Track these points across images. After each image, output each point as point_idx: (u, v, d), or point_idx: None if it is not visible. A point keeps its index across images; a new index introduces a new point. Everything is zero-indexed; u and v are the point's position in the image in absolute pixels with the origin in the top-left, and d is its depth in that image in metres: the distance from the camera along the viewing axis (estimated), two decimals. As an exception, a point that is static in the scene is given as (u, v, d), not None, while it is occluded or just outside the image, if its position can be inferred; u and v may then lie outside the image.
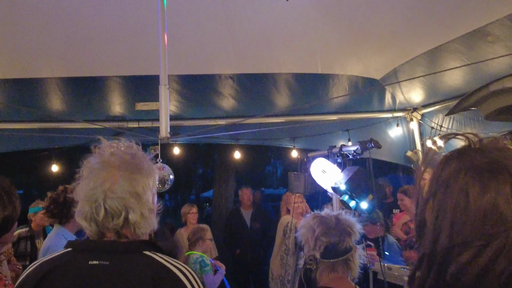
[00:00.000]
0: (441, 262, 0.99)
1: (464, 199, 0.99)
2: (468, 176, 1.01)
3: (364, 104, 6.70)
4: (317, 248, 2.49)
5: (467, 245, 0.95)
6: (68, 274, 1.66)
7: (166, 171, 5.06)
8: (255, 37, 5.17)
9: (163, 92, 3.73)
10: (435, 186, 1.07)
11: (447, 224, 1.00)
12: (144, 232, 1.76)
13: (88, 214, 1.70)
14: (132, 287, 1.61)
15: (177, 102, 6.28)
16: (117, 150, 1.79)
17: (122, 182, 1.69)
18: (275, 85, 6.00)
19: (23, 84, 5.52)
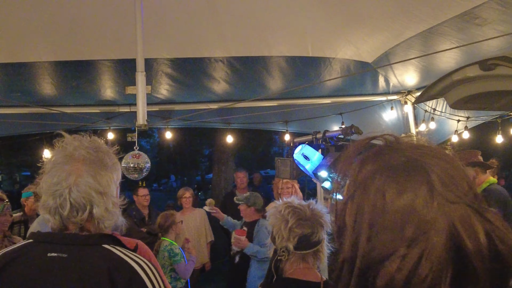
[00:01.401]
0: (362, 267, 0.95)
1: (381, 201, 0.96)
2: (384, 177, 0.98)
3: (358, 87, 6.64)
4: (290, 239, 2.47)
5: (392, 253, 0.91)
6: (27, 265, 1.68)
7: (142, 159, 5.04)
8: (242, 18, 5.10)
9: (140, 79, 3.68)
10: (353, 188, 1.04)
11: (365, 227, 0.97)
12: (108, 226, 1.79)
13: (52, 207, 1.72)
14: (88, 280, 1.61)
15: (168, 86, 6.25)
16: (80, 144, 1.80)
17: (86, 177, 1.71)
18: (266, 68, 5.94)
19: (11, 68, 5.48)
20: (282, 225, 2.50)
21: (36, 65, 5.52)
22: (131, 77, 5.69)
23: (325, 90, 6.58)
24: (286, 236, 2.47)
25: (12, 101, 6.12)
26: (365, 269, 0.95)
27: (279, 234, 2.51)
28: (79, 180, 1.71)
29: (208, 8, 4.97)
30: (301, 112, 7.03)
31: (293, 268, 2.51)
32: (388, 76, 6.31)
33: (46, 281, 1.63)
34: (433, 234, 0.89)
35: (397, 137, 1.08)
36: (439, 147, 1.04)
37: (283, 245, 2.48)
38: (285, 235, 2.48)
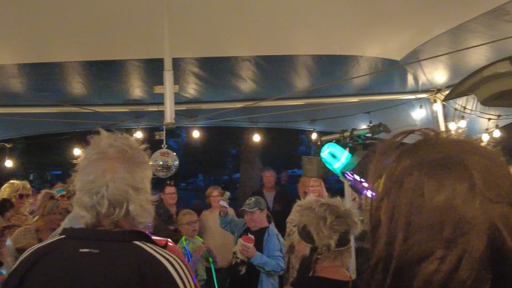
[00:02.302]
0: (398, 268, 0.92)
1: (419, 199, 0.92)
2: (422, 173, 0.93)
3: (386, 86, 6.57)
4: (332, 236, 2.45)
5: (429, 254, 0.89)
6: (59, 261, 1.71)
7: (170, 157, 5.07)
8: (269, 17, 5.10)
9: (168, 77, 3.71)
10: (389, 184, 1.00)
11: (402, 225, 0.93)
12: (142, 222, 1.80)
13: (88, 204, 1.73)
14: (118, 276, 1.63)
15: (195, 85, 6.28)
16: (114, 142, 1.82)
17: (122, 174, 1.73)
18: (293, 67, 5.93)
19: (42, 68, 5.58)
20: (320, 222, 2.47)
21: (66, 65, 5.61)
22: (159, 76, 5.74)
23: (352, 88, 6.54)
24: (327, 234, 2.45)
25: (43, 100, 6.23)
26: (401, 270, 0.91)
27: (318, 232, 2.48)
28: (115, 177, 1.72)
29: (235, 8, 4.98)
30: (328, 111, 6.99)
31: (322, 266, 2.50)
32: (417, 74, 6.23)
33: (77, 276, 1.65)
34: (473, 235, 0.86)
35: (436, 131, 1.04)
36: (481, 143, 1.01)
37: (324, 242, 2.46)
38: (325, 232, 2.45)
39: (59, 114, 6.88)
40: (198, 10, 4.97)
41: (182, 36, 5.11)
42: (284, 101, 6.57)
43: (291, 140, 24.39)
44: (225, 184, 28.36)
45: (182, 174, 33.58)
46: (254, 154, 13.22)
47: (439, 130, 1.04)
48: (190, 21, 5.05)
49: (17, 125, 7.62)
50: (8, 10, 4.61)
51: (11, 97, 6.25)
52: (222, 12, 5.05)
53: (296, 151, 28.04)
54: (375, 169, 1.07)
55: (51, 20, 4.95)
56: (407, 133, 1.08)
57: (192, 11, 4.89)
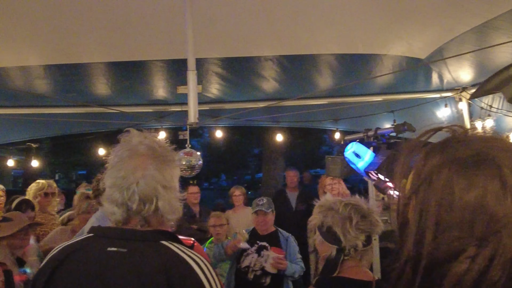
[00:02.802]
0: (428, 267, 0.91)
1: (449, 197, 0.91)
2: (452, 171, 0.93)
3: (410, 84, 6.50)
4: (359, 237, 2.44)
5: (460, 253, 0.87)
6: (86, 259, 1.73)
7: (194, 157, 5.10)
8: (291, 17, 5.08)
9: (191, 77, 3.73)
10: (417, 183, 0.99)
11: (431, 224, 0.92)
12: (171, 220, 1.83)
13: (119, 200, 1.76)
14: (144, 275, 1.64)
15: (218, 85, 6.31)
16: (144, 139, 1.86)
17: (152, 171, 1.76)
18: (316, 66, 5.91)
19: (67, 69, 5.66)
20: (346, 223, 2.45)
21: (91, 65, 5.68)
22: (182, 76, 5.78)
23: (376, 87, 6.48)
24: (353, 234, 2.43)
25: (68, 101, 6.31)
26: (431, 269, 0.91)
27: (344, 233, 2.46)
28: (146, 173, 1.75)
29: (258, 7, 4.98)
30: (351, 110, 6.95)
31: (347, 266, 2.49)
32: (441, 72, 6.15)
33: (104, 274, 1.67)
34: (505, 234, 0.84)
35: (465, 128, 1.03)
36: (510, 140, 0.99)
37: (352, 243, 2.44)
38: (352, 233, 2.43)
39: (84, 114, 6.97)
40: (221, 10, 4.98)
41: (205, 36, 5.13)
42: (307, 100, 6.55)
43: (314, 140, 24.33)
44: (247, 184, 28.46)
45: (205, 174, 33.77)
46: (276, 154, 13.21)
47: (467, 127, 1.02)
48: (213, 21, 5.06)
49: (43, 126, 7.75)
50: (34, 12, 4.69)
51: (37, 98, 6.36)
52: (245, 12, 5.06)
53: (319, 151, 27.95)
54: (402, 168, 1.06)
55: (77, 22, 5.01)
56: (435, 130, 1.06)
57: (215, 11, 4.91)
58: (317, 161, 26.05)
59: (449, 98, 6.65)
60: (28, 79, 5.74)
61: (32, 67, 5.51)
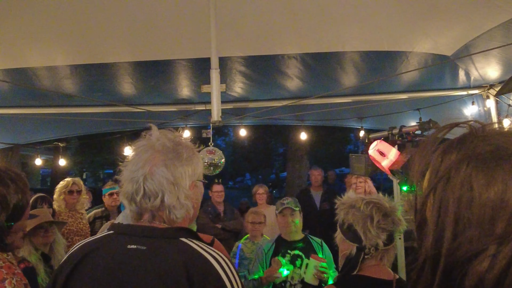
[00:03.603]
0: (448, 266, 0.90)
1: (468, 194, 0.89)
2: (471, 167, 0.91)
3: (436, 82, 6.42)
4: (380, 236, 2.42)
5: (481, 252, 0.86)
6: (107, 256, 1.74)
7: (217, 155, 5.13)
8: (315, 14, 5.06)
9: (214, 75, 3.75)
10: (435, 180, 0.97)
11: (450, 222, 0.90)
12: (180, 217, 1.82)
13: (129, 193, 1.80)
14: (165, 273, 1.64)
15: (242, 84, 6.32)
16: (163, 136, 1.88)
17: (161, 167, 1.78)
18: (340, 64, 5.87)
19: (93, 69, 5.73)
20: (367, 221, 2.43)
21: (116, 65, 5.74)
22: (206, 75, 5.83)
23: (401, 85, 6.42)
24: (374, 233, 2.41)
25: (94, 100, 6.40)
26: (451, 268, 0.89)
27: (365, 231, 2.44)
28: (154, 169, 1.77)
29: (281, 5, 4.97)
30: (376, 108, 6.89)
31: (368, 265, 2.47)
32: (468, 69, 6.06)
33: (125, 272, 1.68)
34: None
35: (483, 124, 1.01)
36: None
37: (373, 242, 2.42)
38: (373, 231, 2.42)
39: (110, 114, 7.06)
40: (245, 9, 4.99)
41: (229, 35, 5.14)
42: (331, 98, 6.52)
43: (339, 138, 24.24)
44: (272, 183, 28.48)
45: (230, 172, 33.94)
46: (301, 153, 13.19)
47: (485, 123, 1.01)
48: (237, 20, 5.08)
49: (70, 125, 7.87)
50: (61, 14, 4.77)
51: (65, 98, 6.45)
52: (269, 10, 5.06)
53: (344, 150, 27.87)
54: (419, 165, 1.04)
55: (103, 22, 5.07)
56: (452, 126, 1.04)
57: (239, 10, 4.92)
58: (342, 160, 25.96)
59: (476, 96, 6.56)
60: (55, 79, 5.83)
61: (59, 67, 5.60)
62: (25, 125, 7.83)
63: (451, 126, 1.05)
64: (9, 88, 6.06)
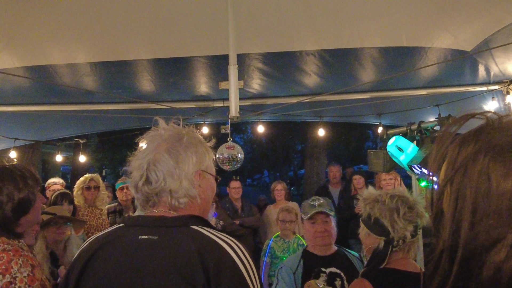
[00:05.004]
0: (465, 257, 0.90)
1: (485, 184, 0.90)
2: (488, 158, 0.91)
3: (455, 78, 6.35)
4: (407, 228, 2.45)
5: (498, 241, 0.86)
6: (119, 249, 1.75)
7: (235, 150, 5.15)
8: (333, 10, 5.05)
9: (232, 72, 3.78)
10: (452, 171, 0.97)
11: (467, 214, 0.91)
12: (182, 202, 1.83)
13: (135, 181, 1.84)
14: (179, 261, 1.65)
15: (260, 80, 6.32)
16: (169, 127, 1.93)
17: (165, 153, 1.81)
18: (359, 60, 5.84)
19: (113, 66, 5.78)
20: (394, 214, 2.47)
21: (136, 63, 5.79)
22: (224, 72, 5.86)
23: (420, 81, 6.37)
24: (402, 225, 2.45)
25: (114, 97, 6.46)
26: (468, 259, 0.89)
27: (393, 224, 2.47)
28: (158, 156, 1.81)
29: (299, 1, 4.97)
30: (395, 105, 6.85)
31: (395, 258, 2.50)
32: (488, 64, 5.99)
33: (137, 263, 1.69)
34: None
35: (500, 115, 1.01)
36: None
37: (400, 234, 2.45)
38: (400, 224, 2.45)
39: (130, 110, 7.12)
40: (263, 5, 4.99)
41: (247, 32, 5.15)
42: (349, 95, 6.50)
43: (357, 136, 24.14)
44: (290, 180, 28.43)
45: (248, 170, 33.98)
46: (319, 150, 13.16)
47: (502, 114, 1.00)
48: (255, 16, 5.08)
49: (90, 122, 7.97)
50: (82, 11, 4.82)
51: (85, 95, 6.53)
52: (287, 6, 5.06)
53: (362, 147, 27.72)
54: (436, 157, 1.04)
55: (122, 20, 5.12)
56: (469, 117, 1.04)
57: (257, 6, 4.93)
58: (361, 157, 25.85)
59: (497, 91, 6.48)
60: (75, 76, 5.91)
61: (79, 65, 5.66)
62: (46, 122, 7.95)
63: (468, 117, 1.05)
64: (31, 86, 6.15)
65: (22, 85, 6.09)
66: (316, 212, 3.48)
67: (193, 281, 1.61)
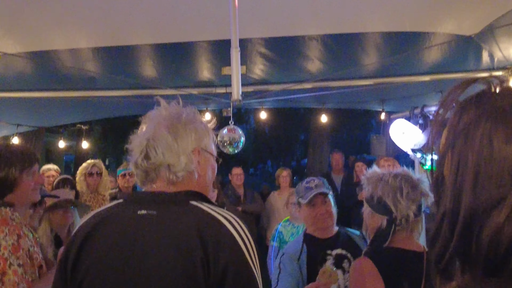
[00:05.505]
0: (467, 222, 0.89)
1: (488, 148, 0.89)
2: (491, 122, 0.91)
3: (459, 64, 6.31)
4: (410, 207, 2.45)
5: (499, 202, 0.85)
6: (118, 224, 1.78)
7: (237, 133, 5.15)
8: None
9: (235, 55, 3.78)
10: (453, 137, 0.97)
11: (469, 178, 0.90)
12: (180, 176, 1.84)
13: (134, 158, 1.87)
14: (177, 236, 1.67)
15: (263, 66, 6.30)
16: (170, 106, 1.95)
17: (163, 130, 1.83)
18: (361, 45, 5.81)
19: (116, 51, 5.77)
20: (397, 193, 2.47)
21: (138, 48, 5.77)
22: (227, 58, 5.83)
23: (423, 67, 6.33)
24: (405, 204, 2.45)
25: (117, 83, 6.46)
26: (469, 222, 0.88)
27: (396, 203, 2.47)
28: (157, 133, 1.83)
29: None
30: (398, 91, 6.82)
31: (399, 238, 2.50)
32: (492, 50, 5.95)
33: (136, 238, 1.71)
34: None
35: (502, 79, 1.00)
36: None
37: (404, 213, 2.45)
38: (403, 203, 2.45)
39: (133, 97, 7.11)
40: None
41: (250, 16, 5.12)
42: (352, 81, 6.47)
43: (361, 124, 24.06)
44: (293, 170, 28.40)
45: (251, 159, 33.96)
46: (322, 138, 13.16)
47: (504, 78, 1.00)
48: (257, 0, 5.06)
49: (93, 109, 7.97)
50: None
51: (87, 81, 6.53)
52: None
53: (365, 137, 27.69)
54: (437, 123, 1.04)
55: (124, 4, 5.09)
56: (469, 82, 1.04)
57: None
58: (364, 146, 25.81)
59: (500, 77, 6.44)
60: (78, 62, 5.90)
61: (81, 50, 5.65)
62: (49, 109, 7.96)
63: (470, 82, 1.05)
64: (33, 71, 6.14)
65: (24, 71, 6.08)
66: (314, 195, 3.33)
67: (192, 256, 1.62)
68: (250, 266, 1.67)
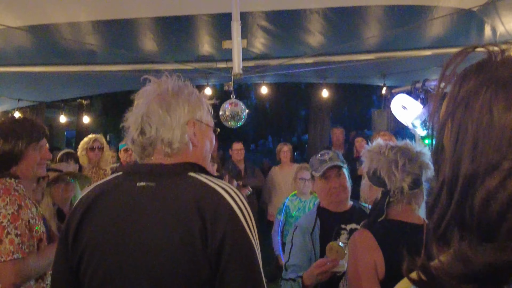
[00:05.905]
0: (464, 189, 0.89)
1: (487, 117, 0.89)
2: (491, 91, 0.90)
3: (461, 38, 6.26)
4: (405, 179, 2.44)
5: (494, 168, 0.86)
6: (117, 196, 1.80)
7: (239, 107, 5.14)
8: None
9: (235, 28, 3.76)
10: (453, 106, 0.97)
11: (468, 146, 0.90)
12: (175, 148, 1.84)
13: (131, 135, 1.87)
14: (176, 207, 1.69)
15: (264, 40, 6.27)
16: (163, 81, 1.93)
17: (156, 104, 1.82)
18: (363, 19, 5.76)
19: (115, 25, 5.73)
20: (392, 166, 2.46)
21: (138, 21, 5.73)
22: (228, 32, 5.79)
23: (425, 41, 6.29)
24: (399, 177, 2.43)
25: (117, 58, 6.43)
26: (468, 189, 0.89)
27: (389, 175, 2.46)
28: (150, 108, 1.82)
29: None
30: (399, 65, 6.79)
31: (396, 210, 2.50)
32: (494, 24, 5.90)
33: (135, 209, 1.73)
34: None
35: (502, 48, 1.00)
36: None
37: (397, 185, 2.45)
38: (398, 175, 2.43)
39: (133, 72, 7.09)
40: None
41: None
42: (354, 55, 6.44)
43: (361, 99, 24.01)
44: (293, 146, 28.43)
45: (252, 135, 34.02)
46: (323, 114, 13.14)
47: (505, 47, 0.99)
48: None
49: (94, 83, 7.95)
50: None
51: (87, 55, 6.50)
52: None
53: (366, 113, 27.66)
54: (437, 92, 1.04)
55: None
56: (469, 49, 1.03)
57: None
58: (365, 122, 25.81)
59: (503, 52, 6.40)
60: (77, 36, 5.86)
61: (81, 23, 5.61)
62: (49, 83, 7.94)
63: (469, 50, 1.04)
64: (33, 46, 6.11)
65: (25, 45, 6.05)
66: (328, 168, 3.22)
67: (190, 227, 1.64)
68: (249, 236, 1.68)
